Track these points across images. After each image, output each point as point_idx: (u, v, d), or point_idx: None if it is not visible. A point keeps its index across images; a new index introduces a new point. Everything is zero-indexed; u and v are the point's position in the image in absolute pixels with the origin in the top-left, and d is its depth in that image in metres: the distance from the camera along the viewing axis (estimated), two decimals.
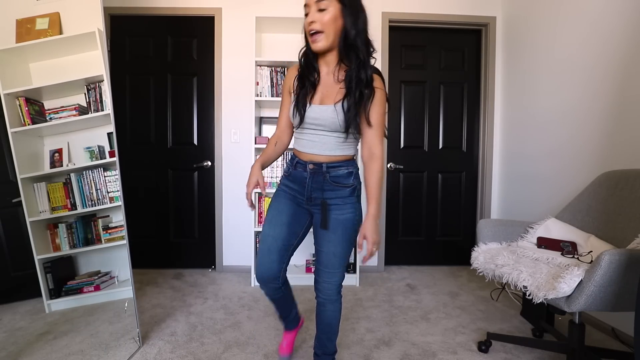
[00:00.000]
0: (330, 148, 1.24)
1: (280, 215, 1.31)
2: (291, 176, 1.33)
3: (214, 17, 2.85)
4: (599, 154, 1.96)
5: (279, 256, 1.30)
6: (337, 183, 1.25)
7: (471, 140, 3.07)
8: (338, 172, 1.25)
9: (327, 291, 1.30)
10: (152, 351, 1.69)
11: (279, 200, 1.35)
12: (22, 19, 1.84)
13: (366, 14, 1.18)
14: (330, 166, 1.25)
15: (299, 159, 1.30)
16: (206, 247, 2.98)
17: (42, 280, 1.93)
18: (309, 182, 1.27)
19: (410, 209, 3.09)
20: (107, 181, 2.00)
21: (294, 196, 1.33)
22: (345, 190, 1.26)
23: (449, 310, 2.19)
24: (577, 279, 1.23)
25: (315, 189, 1.27)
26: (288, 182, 1.35)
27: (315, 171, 1.26)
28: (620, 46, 1.84)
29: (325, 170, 1.25)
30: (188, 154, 2.95)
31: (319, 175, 1.26)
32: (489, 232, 1.83)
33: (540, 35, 2.47)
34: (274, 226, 1.30)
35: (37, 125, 1.91)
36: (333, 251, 1.25)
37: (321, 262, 1.29)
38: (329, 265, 1.27)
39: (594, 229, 1.68)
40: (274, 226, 1.30)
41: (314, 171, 1.26)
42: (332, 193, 1.25)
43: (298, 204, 1.33)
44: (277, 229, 1.30)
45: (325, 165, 1.25)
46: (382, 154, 1.23)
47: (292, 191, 1.33)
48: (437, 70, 3.03)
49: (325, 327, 1.36)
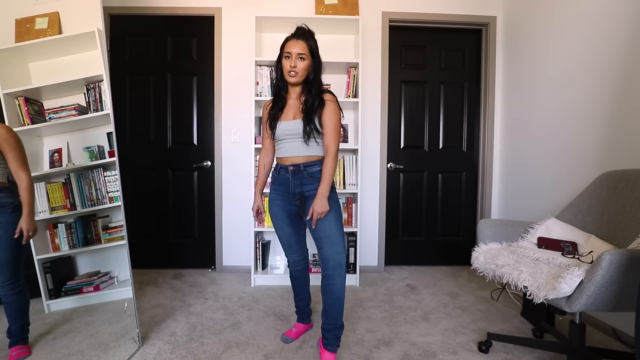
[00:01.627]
0: (304, 150, 1.58)
1: (281, 218, 1.68)
2: (276, 180, 1.67)
3: (213, 17, 2.85)
4: (600, 153, 1.96)
5: (298, 247, 1.75)
6: (314, 177, 1.58)
7: (471, 140, 3.07)
8: (313, 169, 1.59)
9: (334, 262, 1.48)
10: (151, 351, 1.69)
11: (273, 208, 1.69)
12: (21, 18, 1.84)
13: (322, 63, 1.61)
14: (306, 165, 1.58)
15: (282, 164, 1.64)
16: (206, 247, 2.97)
17: (41, 280, 1.93)
18: (292, 180, 1.60)
19: (410, 209, 3.08)
20: (107, 181, 1.99)
21: (282, 198, 1.64)
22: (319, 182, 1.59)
23: (449, 310, 2.19)
24: (577, 279, 1.23)
25: (297, 185, 1.60)
26: (275, 186, 1.68)
27: (295, 171, 1.59)
28: (621, 46, 1.84)
29: (303, 169, 1.58)
30: (188, 154, 2.94)
31: (298, 173, 1.59)
32: (489, 232, 1.83)
33: (540, 35, 2.47)
34: (281, 229, 1.70)
35: (36, 125, 1.90)
36: (326, 225, 1.51)
37: (320, 238, 1.52)
38: (327, 235, 1.51)
39: (594, 229, 1.68)
40: (280, 229, 1.70)
41: (294, 171, 1.59)
42: (311, 186, 1.58)
43: (288, 203, 1.65)
44: (284, 230, 1.70)
45: (302, 165, 1.58)
46: (335, 151, 1.55)
47: (280, 193, 1.65)
48: (437, 70, 3.03)
49: (335, 301, 1.51)
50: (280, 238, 1.72)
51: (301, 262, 1.77)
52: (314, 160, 1.60)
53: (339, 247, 1.50)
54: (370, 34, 2.87)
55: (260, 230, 2.66)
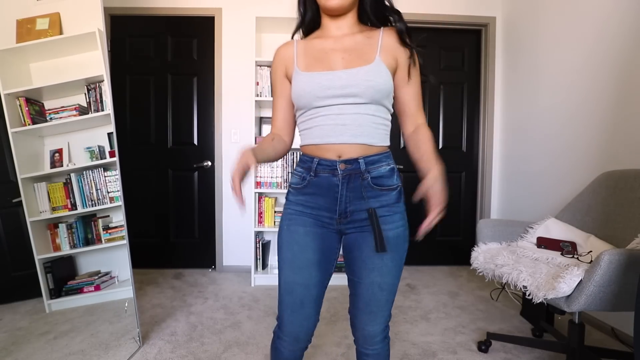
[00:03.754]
0: (368, 133, 0.88)
1: (305, 252, 0.91)
2: (309, 187, 0.92)
3: (214, 17, 2.85)
4: (599, 153, 1.96)
5: (316, 307, 0.94)
6: (381, 186, 0.91)
7: (471, 140, 3.07)
8: (380, 171, 0.90)
9: (372, 340, 0.95)
10: (152, 351, 1.69)
11: (295, 229, 0.92)
12: (22, 19, 1.84)
13: None
14: (369, 162, 0.89)
15: (321, 157, 0.90)
16: (206, 247, 2.98)
17: (42, 280, 1.93)
18: (343, 191, 0.89)
19: (410, 209, 3.08)
20: (107, 181, 2.00)
21: (316, 217, 0.92)
22: (390, 194, 0.93)
23: (448, 310, 2.19)
24: (576, 279, 1.23)
25: (353, 199, 0.90)
26: (304, 197, 0.93)
27: (350, 172, 0.88)
28: (620, 46, 1.84)
29: (364, 168, 0.88)
30: (188, 154, 2.95)
31: (356, 177, 0.89)
32: (488, 232, 1.84)
33: (540, 35, 2.47)
34: (300, 269, 0.91)
35: (37, 126, 1.91)
36: (379, 283, 0.90)
37: (361, 299, 0.93)
38: (373, 303, 0.92)
39: (593, 229, 1.68)
40: (299, 269, 0.91)
41: (348, 173, 0.88)
42: (375, 201, 0.90)
43: (323, 226, 0.93)
44: (305, 273, 0.91)
45: (363, 160, 0.88)
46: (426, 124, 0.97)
47: (313, 210, 0.92)
48: (437, 70, 3.03)
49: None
50: (288, 285, 0.92)
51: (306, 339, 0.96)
52: (379, 153, 0.91)
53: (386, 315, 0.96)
54: None
55: (261, 230, 2.67)
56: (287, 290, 0.92)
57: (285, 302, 0.93)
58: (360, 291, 0.93)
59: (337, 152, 0.88)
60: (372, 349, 0.96)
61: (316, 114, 0.89)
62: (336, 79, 0.86)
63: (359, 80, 0.85)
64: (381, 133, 0.92)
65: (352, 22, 0.94)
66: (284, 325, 0.94)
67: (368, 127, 0.88)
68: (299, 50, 0.94)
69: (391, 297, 0.94)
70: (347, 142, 0.87)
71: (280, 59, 0.97)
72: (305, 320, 0.93)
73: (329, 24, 0.94)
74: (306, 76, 0.89)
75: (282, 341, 0.95)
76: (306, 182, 0.92)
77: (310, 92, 0.87)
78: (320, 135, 0.89)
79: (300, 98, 0.89)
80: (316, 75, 0.88)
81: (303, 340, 0.96)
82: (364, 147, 0.89)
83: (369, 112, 0.87)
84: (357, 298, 0.94)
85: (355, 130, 0.87)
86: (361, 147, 0.88)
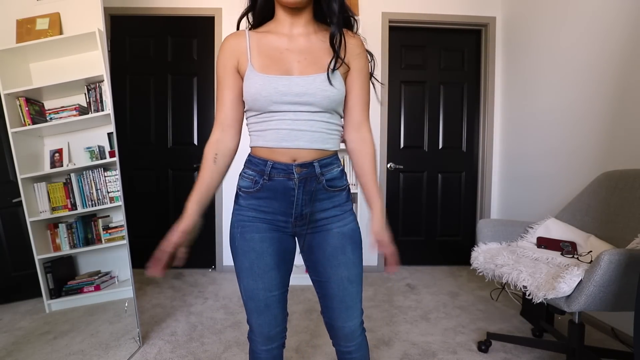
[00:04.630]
0: (322, 139, 0.89)
1: (263, 258, 0.90)
2: (263, 191, 0.89)
3: (214, 17, 2.85)
4: (599, 153, 1.96)
5: (281, 306, 0.95)
6: (334, 187, 0.92)
7: (471, 140, 3.07)
8: (333, 172, 0.91)
9: (351, 336, 0.95)
10: (152, 351, 1.69)
11: (250, 237, 0.90)
12: (22, 19, 1.84)
13: None
14: (322, 164, 0.89)
15: (275, 161, 0.87)
16: (206, 247, 2.98)
17: (42, 280, 1.93)
18: (299, 195, 0.88)
19: (410, 208, 3.09)
20: (107, 181, 2.00)
21: (270, 222, 0.91)
22: (341, 195, 0.94)
23: (448, 310, 2.19)
24: (576, 279, 1.23)
25: (308, 202, 0.89)
26: (257, 202, 0.90)
27: (306, 176, 0.88)
28: (620, 46, 1.85)
29: (319, 171, 0.89)
30: (188, 154, 2.95)
31: (311, 180, 0.88)
32: (488, 232, 1.84)
33: (540, 35, 2.47)
34: (259, 276, 0.90)
35: (37, 125, 1.91)
36: (348, 276, 0.91)
37: (334, 298, 0.92)
38: (347, 298, 0.92)
39: (593, 229, 1.69)
40: (258, 276, 0.90)
41: (304, 176, 0.88)
42: (329, 202, 0.91)
43: (278, 230, 0.92)
44: (265, 278, 0.91)
45: (317, 164, 0.88)
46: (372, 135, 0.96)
47: (267, 215, 0.90)
48: (437, 70, 3.03)
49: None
50: (251, 292, 0.92)
51: (279, 337, 0.97)
52: (330, 156, 0.92)
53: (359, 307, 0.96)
54: (370, 34, 2.87)
55: None
56: (249, 297, 0.92)
57: (250, 307, 0.93)
58: (331, 290, 0.92)
59: (292, 156, 0.87)
60: (353, 345, 0.96)
61: (270, 117, 0.87)
62: (293, 85, 0.84)
63: (315, 89, 0.85)
64: (334, 139, 0.92)
65: (308, 18, 0.91)
66: (254, 328, 0.95)
67: (322, 133, 0.89)
68: (252, 44, 0.89)
69: (360, 288, 0.96)
70: (302, 147, 0.87)
71: (231, 52, 0.90)
72: (274, 319, 0.94)
73: (283, 17, 0.90)
74: (262, 78, 0.85)
75: (257, 343, 0.96)
76: (259, 185, 0.89)
77: (267, 97, 0.84)
78: (275, 139, 0.87)
79: (256, 101, 0.86)
80: (273, 79, 0.84)
81: (276, 338, 0.96)
82: (319, 152, 0.89)
83: (324, 119, 0.88)
84: (329, 298, 0.93)
85: (311, 136, 0.87)
86: (316, 152, 0.89)
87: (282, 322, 0.97)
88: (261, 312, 0.92)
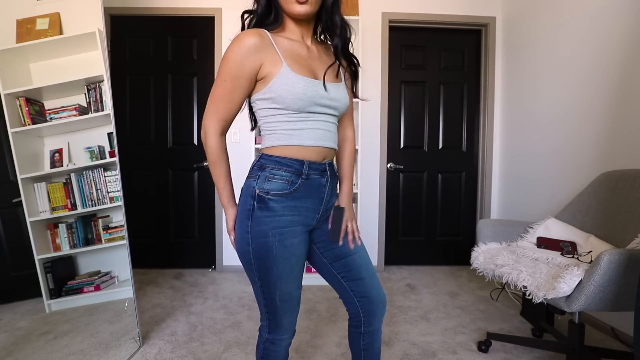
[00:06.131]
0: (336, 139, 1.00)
1: (301, 261, 0.94)
2: (300, 191, 0.89)
3: (214, 17, 2.85)
4: (599, 153, 1.96)
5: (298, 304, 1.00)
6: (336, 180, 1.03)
7: (471, 140, 3.07)
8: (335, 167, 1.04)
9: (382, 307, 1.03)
10: (152, 351, 1.69)
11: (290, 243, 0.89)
12: (22, 19, 1.84)
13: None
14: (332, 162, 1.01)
15: (311, 160, 0.90)
16: (206, 247, 2.98)
17: (42, 280, 1.93)
18: (328, 191, 0.95)
19: (410, 209, 3.09)
20: (107, 181, 2.00)
21: (303, 222, 0.92)
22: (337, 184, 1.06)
23: (448, 310, 2.19)
24: (576, 279, 1.23)
25: (330, 197, 0.98)
26: (293, 203, 0.89)
27: (332, 173, 0.97)
28: (621, 46, 1.85)
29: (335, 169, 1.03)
30: (188, 154, 2.95)
31: (334, 177, 0.99)
32: (488, 232, 1.84)
33: (540, 35, 2.47)
34: (297, 278, 0.94)
35: (37, 126, 1.91)
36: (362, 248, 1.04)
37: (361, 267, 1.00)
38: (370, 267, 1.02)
39: (593, 229, 1.69)
40: (296, 278, 0.94)
41: (332, 174, 0.97)
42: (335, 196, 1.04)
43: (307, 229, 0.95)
44: (299, 279, 0.95)
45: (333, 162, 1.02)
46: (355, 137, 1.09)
47: (300, 216, 0.91)
48: (437, 70, 3.03)
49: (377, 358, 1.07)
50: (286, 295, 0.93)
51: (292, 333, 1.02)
52: None
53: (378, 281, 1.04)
54: (370, 34, 2.87)
55: None
56: (285, 300, 0.93)
57: (284, 309, 0.94)
58: (359, 260, 1.01)
59: (323, 155, 0.94)
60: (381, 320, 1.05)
61: (307, 117, 0.89)
62: (329, 91, 0.90)
63: (341, 96, 0.94)
64: None
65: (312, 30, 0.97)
66: (285, 327, 0.97)
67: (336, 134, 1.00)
68: (279, 46, 0.88)
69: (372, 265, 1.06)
70: (330, 146, 0.95)
71: (255, 50, 0.84)
72: (297, 312, 1.00)
73: (294, 27, 0.93)
74: (304, 80, 0.86)
75: (282, 341, 0.98)
76: (296, 185, 0.89)
77: (311, 98, 0.86)
78: (313, 137, 0.90)
79: (299, 101, 0.85)
80: (314, 83, 0.88)
81: (290, 335, 1.01)
82: (335, 151, 1.00)
83: (337, 122, 0.99)
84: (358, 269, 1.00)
85: (334, 137, 0.97)
86: (334, 152, 1.00)
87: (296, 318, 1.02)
88: (293, 309, 0.97)
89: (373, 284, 1.01)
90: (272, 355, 1.00)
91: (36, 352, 1.64)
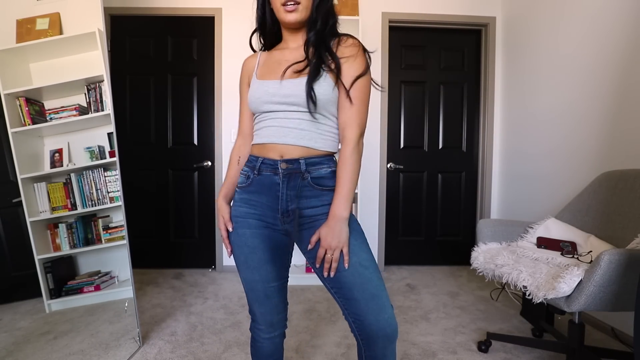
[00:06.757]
0: (310, 137, 0.92)
1: (256, 253, 0.95)
2: (253, 185, 0.95)
3: (214, 17, 2.85)
4: (599, 153, 1.96)
5: (281, 296, 1.00)
6: (322, 186, 0.92)
7: (471, 140, 3.07)
8: (321, 172, 0.93)
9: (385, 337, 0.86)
10: (152, 351, 1.69)
11: (242, 232, 0.96)
12: (22, 19, 1.84)
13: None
14: (309, 163, 0.92)
15: (264, 157, 0.94)
16: (206, 247, 2.98)
17: (42, 280, 1.93)
18: (284, 190, 0.92)
19: (410, 209, 3.09)
20: (107, 181, 2.00)
21: (258, 216, 0.95)
22: (332, 194, 0.92)
23: (448, 310, 2.19)
24: (576, 279, 1.23)
25: (293, 198, 0.92)
26: (247, 196, 0.96)
27: (290, 172, 0.92)
28: (621, 46, 1.85)
29: (304, 169, 0.91)
30: (188, 154, 2.95)
31: (296, 176, 0.92)
32: (488, 232, 1.84)
33: (540, 35, 2.47)
34: (255, 269, 0.95)
35: (37, 126, 1.91)
36: (358, 261, 0.88)
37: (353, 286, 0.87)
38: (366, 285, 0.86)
39: (593, 229, 1.69)
40: (254, 269, 0.95)
41: (288, 172, 0.92)
42: (317, 200, 0.92)
43: (269, 226, 0.95)
44: (262, 271, 0.95)
45: (304, 161, 0.91)
46: (360, 136, 0.92)
47: (257, 209, 0.95)
48: (437, 70, 3.03)
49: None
50: (249, 284, 0.97)
51: (281, 324, 1.03)
52: (320, 156, 0.94)
53: (388, 308, 0.87)
54: (370, 34, 2.87)
55: None
56: (249, 288, 0.99)
57: (251, 297, 0.99)
58: (347, 278, 0.87)
59: (279, 152, 0.93)
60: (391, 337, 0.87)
61: (264, 117, 0.96)
62: (282, 88, 0.92)
63: (300, 91, 0.89)
64: (326, 139, 0.95)
65: None
66: (257, 317, 1.01)
67: (311, 132, 0.92)
68: (261, 61, 1.04)
69: (378, 274, 0.90)
70: (289, 143, 0.92)
71: (245, 70, 1.07)
72: (275, 308, 1.00)
73: (287, 36, 1.01)
74: (258, 83, 0.97)
75: (260, 331, 1.02)
76: (250, 180, 0.96)
77: (259, 98, 0.95)
78: (266, 135, 0.94)
79: (251, 103, 0.98)
80: (266, 84, 0.95)
81: (278, 326, 1.02)
82: (306, 150, 0.92)
83: (312, 119, 0.92)
84: (348, 288, 0.87)
85: (298, 134, 0.92)
86: (302, 149, 0.92)
87: (282, 310, 1.02)
88: (262, 302, 0.98)
89: (369, 308, 0.85)
90: (257, 346, 1.03)
91: (36, 352, 1.64)
